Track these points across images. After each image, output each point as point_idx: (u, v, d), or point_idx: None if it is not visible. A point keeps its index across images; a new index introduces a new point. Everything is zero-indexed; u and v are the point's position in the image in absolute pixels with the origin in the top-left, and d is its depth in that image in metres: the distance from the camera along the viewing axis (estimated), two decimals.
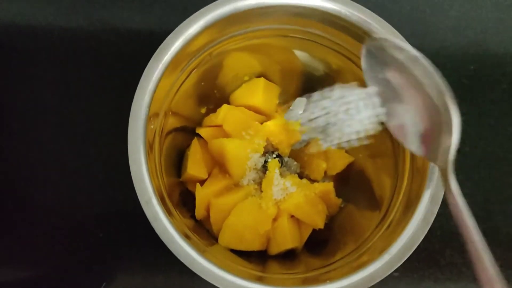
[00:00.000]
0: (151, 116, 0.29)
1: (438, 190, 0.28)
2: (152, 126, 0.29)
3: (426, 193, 0.28)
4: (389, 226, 0.31)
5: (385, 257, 0.27)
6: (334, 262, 0.32)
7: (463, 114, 0.46)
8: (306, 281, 0.30)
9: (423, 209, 0.28)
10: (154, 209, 0.27)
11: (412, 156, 0.32)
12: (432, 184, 0.28)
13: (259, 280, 0.28)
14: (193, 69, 0.33)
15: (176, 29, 0.29)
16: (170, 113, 0.34)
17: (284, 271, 0.34)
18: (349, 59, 0.35)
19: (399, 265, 0.27)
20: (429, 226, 0.28)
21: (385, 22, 0.32)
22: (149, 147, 0.29)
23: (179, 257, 0.28)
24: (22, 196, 0.42)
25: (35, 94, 0.44)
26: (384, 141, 0.35)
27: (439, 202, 0.28)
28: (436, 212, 0.28)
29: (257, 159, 0.37)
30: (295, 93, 0.42)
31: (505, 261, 0.44)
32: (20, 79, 0.44)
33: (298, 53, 0.38)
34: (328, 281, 0.27)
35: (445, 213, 0.44)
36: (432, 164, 0.29)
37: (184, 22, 0.29)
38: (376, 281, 0.27)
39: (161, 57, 0.28)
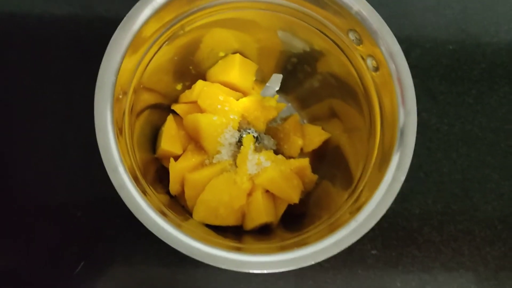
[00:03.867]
0: (119, 86, 0.28)
1: (404, 157, 0.28)
2: (120, 97, 0.29)
3: (393, 160, 0.28)
4: (359, 196, 0.31)
5: (352, 224, 0.27)
6: (307, 232, 0.32)
7: (442, 93, 0.47)
8: (283, 248, 0.30)
9: (390, 176, 0.28)
10: (120, 177, 0.27)
11: (382, 127, 0.32)
12: (398, 153, 0.28)
13: (235, 250, 0.28)
14: (165, 42, 0.33)
15: None
16: (142, 87, 0.34)
17: (260, 244, 0.34)
18: (333, 41, 0.35)
19: (365, 232, 0.27)
20: (396, 193, 0.28)
21: None
22: (118, 128, 0.29)
23: (147, 226, 0.27)
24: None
25: (12, 77, 0.43)
26: (357, 115, 0.35)
27: (406, 170, 0.28)
28: (402, 180, 0.28)
29: (232, 135, 0.37)
30: (272, 70, 0.42)
31: (483, 239, 0.44)
32: None
33: (280, 31, 0.38)
34: (295, 248, 0.27)
35: (423, 191, 0.45)
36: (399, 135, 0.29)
37: None
38: (344, 247, 0.27)
39: (128, 26, 0.28)
